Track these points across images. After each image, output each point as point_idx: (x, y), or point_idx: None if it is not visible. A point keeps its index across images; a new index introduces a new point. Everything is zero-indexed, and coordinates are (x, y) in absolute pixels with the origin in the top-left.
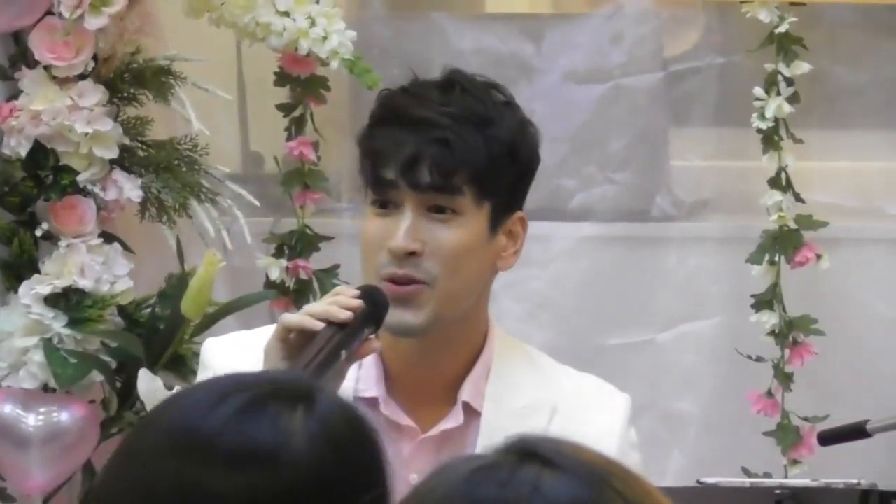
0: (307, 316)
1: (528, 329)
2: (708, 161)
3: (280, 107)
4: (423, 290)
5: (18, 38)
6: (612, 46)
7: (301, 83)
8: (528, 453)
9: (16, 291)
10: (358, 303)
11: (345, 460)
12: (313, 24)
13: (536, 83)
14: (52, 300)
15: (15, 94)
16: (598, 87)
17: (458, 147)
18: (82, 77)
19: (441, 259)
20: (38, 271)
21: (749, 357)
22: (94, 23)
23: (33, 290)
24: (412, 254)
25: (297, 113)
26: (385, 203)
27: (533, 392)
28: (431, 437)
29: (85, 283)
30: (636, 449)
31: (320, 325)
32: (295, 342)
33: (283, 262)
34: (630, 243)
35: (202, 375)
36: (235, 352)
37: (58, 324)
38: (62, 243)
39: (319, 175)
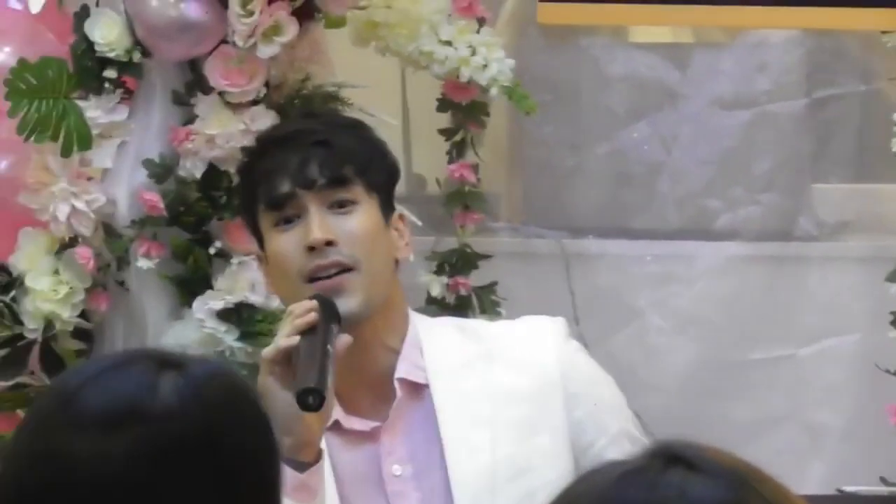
0: (280, 339)
1: (675, 344)
2: (849, 183)
3: (442, 131)
4: (350, 276)
5: (194, 65)
6: (758, 74)
7: (462, 109)
8: (673, 457)
9: (190, 306)
10: (313, 303)
11: (219, 416)
12: (474, 52)
13: (682, 109)
14: (224, 315)
15: (191, 119)
16: (744, 112)
17: (339, 145)
18: (255, 102)
19: (356, 244)
20: (212, 287)
21: (888, 371)
22: (266, 51)
23: (207, 305)
24: (329, 244)
25: (458, 137)
26: (289, 218)
27: (467, 349)
28: (387, 425)
29: (255, 299)
30: (581, 352)
31: (296, 339)
32: (282, 371)
33: (444, 279)
34: (773, 262)
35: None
36: None
37: (230, 337)
38: (234, 260)
39: (479, 196)
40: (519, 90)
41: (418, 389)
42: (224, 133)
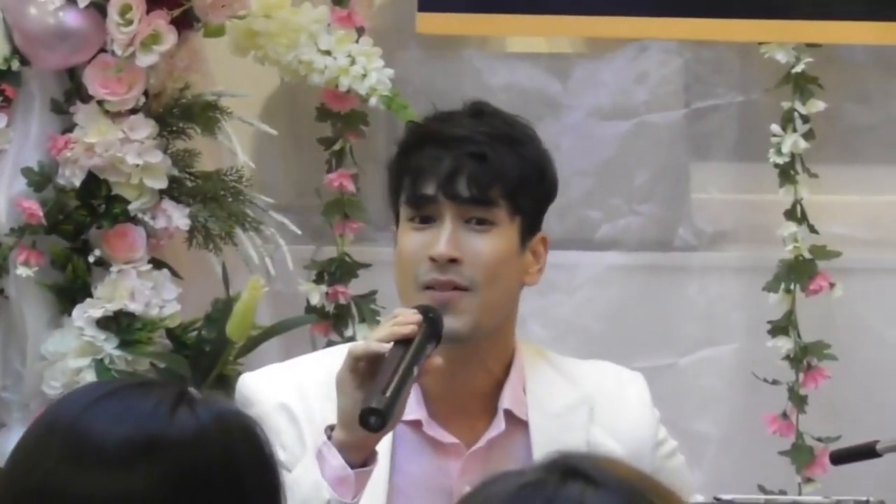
0: (373, 341)
1: (557, 352)
2: (727, 194)
3: (321, 140)
4: (464, 295)
5: (73, 74)
6: (637, 85)
7: (341, 118)
8: (571, 471)
9: (69, 314)
10: (418, 317)
11: (234, 447)
12: (353, 62)
13: (563, 119)
14: (103, 323)
15: (70, 128)
16: (623, 123)
17: (494, 162)
18: (134, 111)
19: (481, 267)
20: (91, 295)
21: (765, 380)
22: (144, 60)
23: (86, 313)
24: (453, 261)
25: (337, 146)
26: (425, 218)
27: (566, 394)
28: (478, 449)
29: (135, 307)
30: (661, 424)
31: (387, 347)
32: (365, 370)
33: (324, 288)
34: (653, 272)
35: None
36: (277, 382)
37: (109, 345)
38: (114, 269)
39: (358, 205)
40: (398, 100)
41: (515, 423)
42: (103, 142)
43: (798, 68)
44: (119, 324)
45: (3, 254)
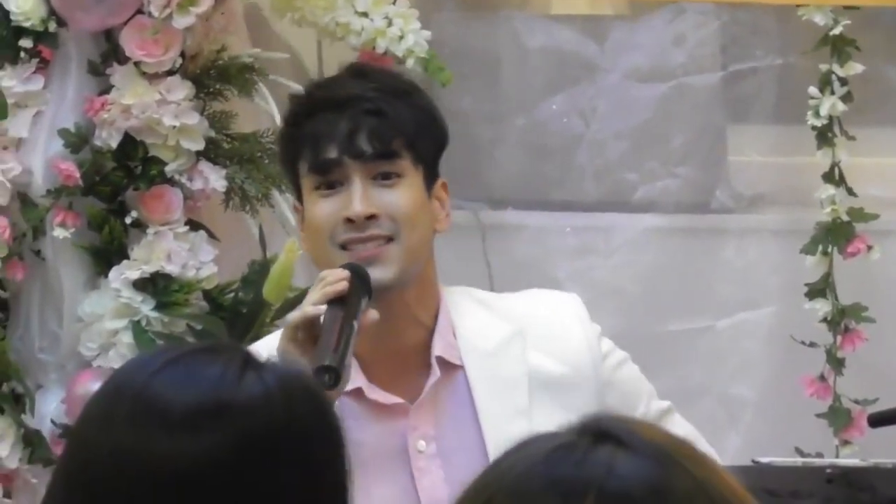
0: (307, 306)
1: (593, 315)
2: (765, 156)
3: None
4: (388, 246)
5: (110, 35)
6: (674, 47)
7: None
8: (603, 434)
9: (106, 276)
10: (346, 273)
11: (299, 410)
12: (390, 23)
13: (600, 81)
14: (140, 285)
15: (106, 89)
16: (660, 85)
17: (391, 114)
18: (170, 73)
19: (399, 217)
20: (128, 257)
21: (803, 343)
22: (181, 21)
23: (123, 275)
24: (370, 218)
25: None
26: (331, 183)
27: (498, 330)
28: (421, 401)
29: (172, 269)
30: (603, 337)
31: (322, 308)
32: (305, 339)
33: None
34: (690, 235)
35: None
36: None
37: (146, 307)
38: (150, 231)
39: None
40: (435, 62)
41: (451, 369)
42: (139, 103)
43: (836, 30)
44: (156, 285)
45: (40, 215)
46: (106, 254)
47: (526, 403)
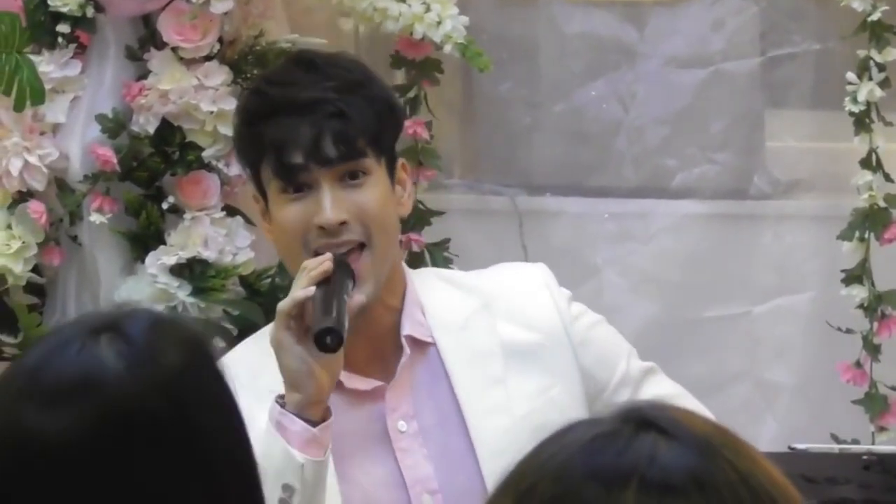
0: (296, 292)
1: (631, 301)
2: (803, 142)
3: (395, 88)
4: (362, 254)
5: (147, 21)
6: (713, 33)
7: (416, 66)
8: (645, 422)
9: (143, 262)
10: (328, 256)
11: (169, 367)
12: (428, 9)
13: (639, 67)
14: (177, 270)
15: (144, 75)
16: (699, 71)
17: (353, 115)
18: (208, 58)
19: (369, 220)
20: (164, 242)
21: (839, 329)
22: (219, 7)
23: (159, 260)
24: (342, 224)
25: (411, 94)
26: (298, 186)
27: (466, 305)
28: (395, 381)
29: (208, 254)
30: (574, 301)
31: (312, 290)
32: (297, 326)
33: None
34: (728, 220)
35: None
36: (248, 354)
37: (182, 292)
38: (187, 216)
39: (432, 153)
40: (473, 47)
41: (423, 347)
42: (177, 88)
43: (874, 16)
44: (192, 271)
45: (77, 201)
46: (143, 239)
47: (500, 371)
